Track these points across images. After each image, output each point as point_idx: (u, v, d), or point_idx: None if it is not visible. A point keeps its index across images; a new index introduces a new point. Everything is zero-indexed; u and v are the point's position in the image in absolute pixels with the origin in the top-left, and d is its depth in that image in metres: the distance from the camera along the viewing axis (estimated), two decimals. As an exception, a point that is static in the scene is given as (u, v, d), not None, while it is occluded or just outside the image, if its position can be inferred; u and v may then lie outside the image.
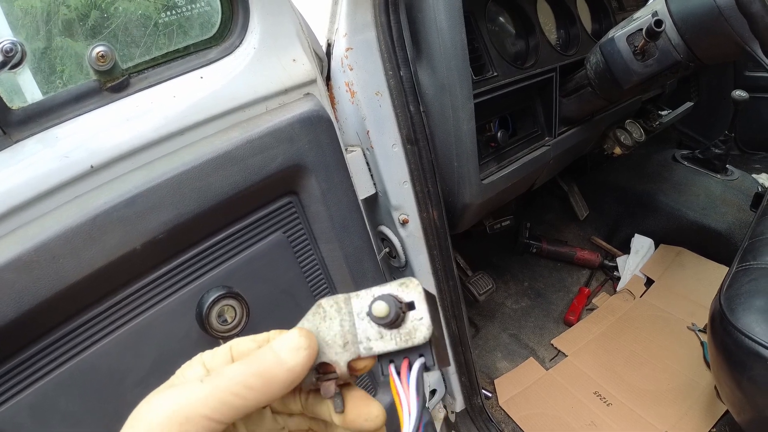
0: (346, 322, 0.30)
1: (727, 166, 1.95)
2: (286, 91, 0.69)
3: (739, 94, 1.78)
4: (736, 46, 0.98)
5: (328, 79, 0.93)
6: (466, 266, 1.44)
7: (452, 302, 1.13)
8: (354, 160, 0.95)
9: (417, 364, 0.29)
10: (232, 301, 0.60)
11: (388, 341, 0.29)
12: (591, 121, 1.36)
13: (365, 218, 0.82)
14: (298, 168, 0.65)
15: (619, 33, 1.08)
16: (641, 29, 1.03)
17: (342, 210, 0.71)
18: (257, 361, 0.28)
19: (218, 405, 0.27)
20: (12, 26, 0.67)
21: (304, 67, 0.71)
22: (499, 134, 1.08)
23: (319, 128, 0.66)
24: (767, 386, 0.91)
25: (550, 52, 1.21)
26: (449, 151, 1.01)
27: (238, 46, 0.69)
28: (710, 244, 1.70)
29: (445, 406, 1.39)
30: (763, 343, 0.90)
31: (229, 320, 0.60)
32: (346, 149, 0.96)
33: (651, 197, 1.85)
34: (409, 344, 0.29)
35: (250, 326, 0.62)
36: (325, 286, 0.76)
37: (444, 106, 0.97)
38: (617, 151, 1.46)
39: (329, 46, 0.91)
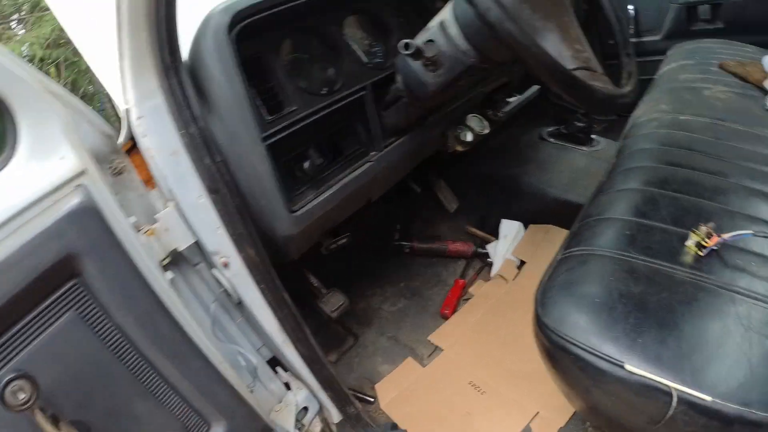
0: None
1: (593, 136, 2.22)
2: (57, 189, 0.88)
3: (591, 65, 2.05)
4: None
5: (132, 145, 1.13)
6: (320, 285, 1.66)
7: (292, 327, 1.34)
8: (169, 215, 1.15)
9: None
10: (20, 382, 0.80)
11: None
12: (424, 125, 1.57)
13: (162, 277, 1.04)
14: (72, 256, 0.85)
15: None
16: (431, 41, 1.20)
17: (123, 282, 0.92)
18: None
19: None
20: None
21: (71, 163, 0.89)
22: (306, 165, 1.29)
23: (86, 218, 0.86)
24: (577, 380, 1.03)
25: (360, 71, 1.41)
26: (255, 192, 1.22)
27: (9, 159, 0.88)
28: (575, 218, 1.95)
29: (324, 419, 1.62)
30: (569, 339, 0.99)
31: (21, 397, 0.80)
32: (165, 204, 1.17)
33: (516, 180, 2.10)
34: None
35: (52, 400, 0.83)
36: (129, 349, 0.97)
37: (238, 153, 1.19)
38: (459, 148, 1.69)
39: (127, 112, 1.11)
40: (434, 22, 1.21)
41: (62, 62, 4.52)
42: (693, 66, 2.12)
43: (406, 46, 1.12)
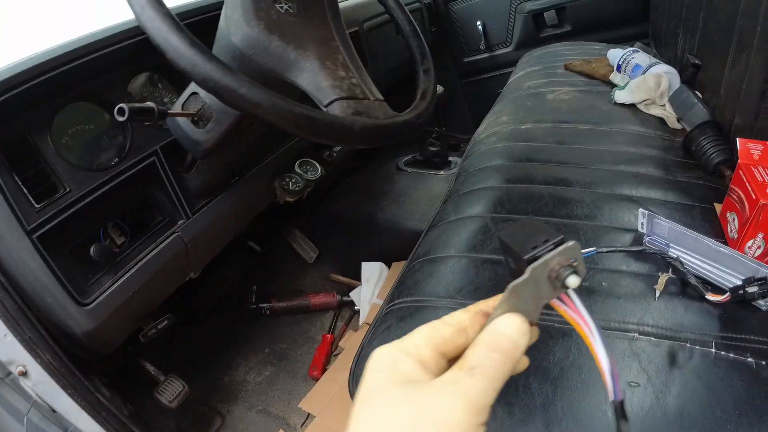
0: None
1: (450, 159, 2.21)
2: None
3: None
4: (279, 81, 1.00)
5: None
6: (157, 372, 1.54)
7: (118, 431, 1.23)
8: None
9: (574, 294, 0.41)
10: None
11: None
12: (242, 180, 1.49)
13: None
14: None
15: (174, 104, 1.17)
16: (194, 93, 1.12)
17: None
18: (498, 345, 0.39)
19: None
20: None
21: None
22: (92, 249, 1.18)
23: None
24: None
25: (151, 135, 1.30)
26: (37, 290, 1.09)
27: None
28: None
29: None
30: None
31: None
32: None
33: (372, 218, 2.05)
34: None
35: None
36: None
37: (7, 251, 1.06)
38: (289, 199, 1.61)
39: None
40: None
41: None
42: (539, 71, 2.13)
43: (120, 111, 0.98)
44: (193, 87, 1.12)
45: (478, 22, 2.85)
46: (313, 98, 0.92)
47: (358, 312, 1.98)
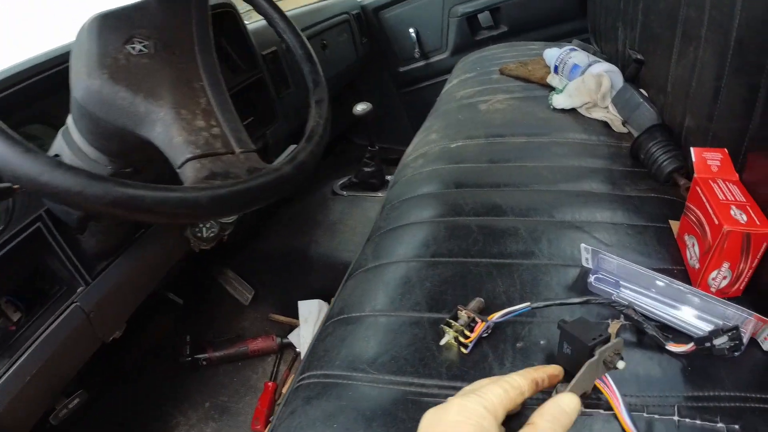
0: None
1: (387, 177, 2.14)
2: None
3: (362, 108, 1.97)
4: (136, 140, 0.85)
5: None
6: None
7: None
8: None
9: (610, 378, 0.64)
10: None
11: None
12: (146, 234, 1.39)
13: None
14: None
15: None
16: (57, 155, 1.00)
17: None
18: (561, 419, 0.53)
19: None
20: None
21: None
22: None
23: None
24: None
25: (33, 199, 1.15)
26: None
27: None
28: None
29: None
30: None
31: None
32: None
33: (305, 252, 1.97)
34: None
35: None
36: None
37: None
38: (204, 246, 1.53)
39: None
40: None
41: None
42: (473, 78, 2.06)
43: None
44: (55, 148, 1.00)
45: (411, 30, 2.80)
46: (168, 158, 0.78)
47: (299, 354, 1.89)
